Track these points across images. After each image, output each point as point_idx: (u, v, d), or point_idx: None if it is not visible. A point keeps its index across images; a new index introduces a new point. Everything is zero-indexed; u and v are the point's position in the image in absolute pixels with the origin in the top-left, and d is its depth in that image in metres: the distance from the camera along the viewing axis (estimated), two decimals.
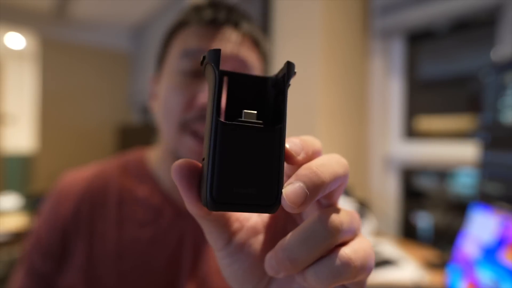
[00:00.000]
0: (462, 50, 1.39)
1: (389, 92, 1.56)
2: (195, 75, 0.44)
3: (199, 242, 0.48)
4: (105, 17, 3.06)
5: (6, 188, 3.34)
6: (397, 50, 1.55)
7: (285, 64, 0.20)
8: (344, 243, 0.20)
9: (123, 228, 0.48)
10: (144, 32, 3.23)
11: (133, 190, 0.50)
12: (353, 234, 0.20)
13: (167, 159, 0.49)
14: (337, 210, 0.20)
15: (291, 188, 0.18)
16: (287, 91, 0.20)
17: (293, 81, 0.20)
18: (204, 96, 0.43)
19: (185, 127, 0.44)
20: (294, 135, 0.21)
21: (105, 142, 3.29)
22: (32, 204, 2.59)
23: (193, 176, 0.18)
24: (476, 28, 1.32)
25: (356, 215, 0.21)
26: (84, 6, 2.82)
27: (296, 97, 1.41)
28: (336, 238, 0.19)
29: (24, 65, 3.66)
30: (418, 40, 1.51)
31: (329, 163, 0.19)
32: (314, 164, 0.19)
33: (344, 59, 1.47)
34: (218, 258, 0.22)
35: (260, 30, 0.50)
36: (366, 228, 1.20)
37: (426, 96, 1.51)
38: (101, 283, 0.46)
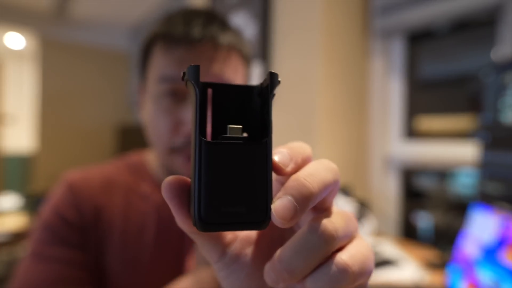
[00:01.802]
0: (462, 50, 1.39)
1: (389, 92, 1.56)
2: (176, 95, 0.45)
3: None
4: (105, 17, 3.06)
5: (6, 188, 3.34)
6: (397, 50, 1.55)
7: (268, 74, 0.20)
8: (341, 248, 0.19)
9: (129, 220, 0.50)
10: (143, 32, 3.22)
11: (137, 187, 0.53)
12: (350, 237, 0.20)
13: (162, 166, 0.53)
14: (329, 215, 0.20)
15: (279, 203, 0.17)
16: (271, 102, 0.20)
17: (293, 81, 0.20)
18: (188, 122, 0.44)
19: (175, 151, 0.46)
20: (295, 135, 0.21)
21: (105, 142, 3.29)
22: (31, 204, 2.59)
23: (183, 194, 0.18)
24: (476, 28, 1.32)
25: (352, 217, 0.21)
26: (84, 6, 2.82)
27: (296, 97, 1.41)
28: (332, 246, 0.19)
29: (24, 65, 3.66)
30: (418, 40, 1.51)
31: (317, 172, 0.19)
32: (302, 174, 0.19)
33: (344, 59, 1.47)
34: (216, 271, 0.22)
35: (238, 33, 0.49)
36: (366, 228, 1.20)
37: (426, 96, 1.50)
38: (106, 272, 0.48)
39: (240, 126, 0.19)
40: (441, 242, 1.26)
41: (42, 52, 3.01)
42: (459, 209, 1.30)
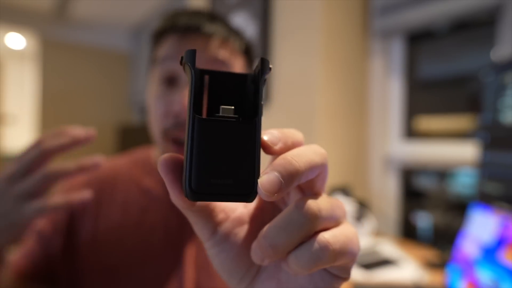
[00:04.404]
0: (462, 50, 1.39)
1: (389, 92, 1.56)
2: (170, 81, 0.48)
3: None
4: (105, 17, 3.07)
5: None
6: (397, 50, 1.55)
7: (259, 60, 0.21)
8: (325, 230, 0.20)
9: (128, 212, 0.51)
10: (144, 33, 3.23)
11: (140, 180, 0.55)
12: (336, 221, 0.21)
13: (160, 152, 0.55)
14: (316, 198, 0.20)
15: (266, 178, 0.18)
16: (261, 87, 0.21)
17: (293, 81, 0.21)
18: (177, 103, 0.46)
19: (166, 134, 0.48)
20: None
21: (105, 142, 3.29)
22: None
23: (177, 170, 0.19)
24: (476, 28, 1.32)
25: (339, 203, 0.22)
26: (84, 7, 2.82)
27: (296, 97, 1.41)
28: (314, 224, 0.19)
29: (24, 65, 3.67)
30: (418, 40, 1.51)
31: (304, 153, 0.20)
32: (290, 154, 0.19)
33: (344, 59, 1.47)
34: (207, 249, 0.23)
35: (239, 31, 0.53)
36: (366, 228, 1.20)
37: (426, 96, 1.51)
38: (103, 262, 0.48)
39: (232, 107, 0.20)
40: (441, 242, 1.26)
41: (42, 52, 3.02)
42: (458, 209, 1.30)
